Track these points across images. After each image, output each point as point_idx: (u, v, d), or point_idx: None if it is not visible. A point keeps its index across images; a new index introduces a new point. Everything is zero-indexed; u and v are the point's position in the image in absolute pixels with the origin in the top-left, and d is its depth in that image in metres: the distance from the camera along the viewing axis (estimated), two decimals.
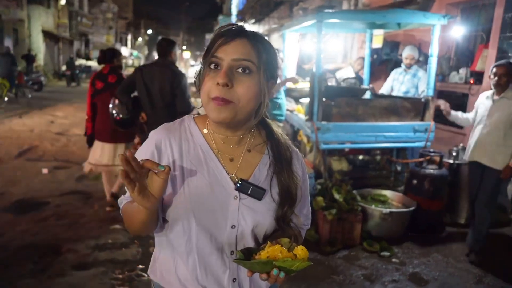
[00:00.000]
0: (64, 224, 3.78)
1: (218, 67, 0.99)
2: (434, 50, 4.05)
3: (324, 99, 3.92)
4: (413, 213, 3.71)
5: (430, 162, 3.85)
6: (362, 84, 5.34)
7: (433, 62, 4.07)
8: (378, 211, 3.61)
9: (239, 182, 1.03)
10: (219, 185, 1.03)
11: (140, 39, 51.86)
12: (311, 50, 6.07)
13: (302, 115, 4.51)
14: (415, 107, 4.15)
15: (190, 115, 1.14)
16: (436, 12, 5.66)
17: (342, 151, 4.51)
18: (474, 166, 3.43)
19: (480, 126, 3.37)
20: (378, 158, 4.67)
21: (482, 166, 3.33)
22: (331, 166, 4.32)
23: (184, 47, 51.03)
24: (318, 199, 3.57)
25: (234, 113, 0.98)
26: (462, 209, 4.07)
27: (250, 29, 1.04)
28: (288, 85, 4.95)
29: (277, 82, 1.10)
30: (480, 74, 5.11)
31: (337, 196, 3.57)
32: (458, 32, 5.38)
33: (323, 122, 3.89)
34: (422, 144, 4.12)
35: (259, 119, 1.08)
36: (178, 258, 1.07)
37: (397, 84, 5.12)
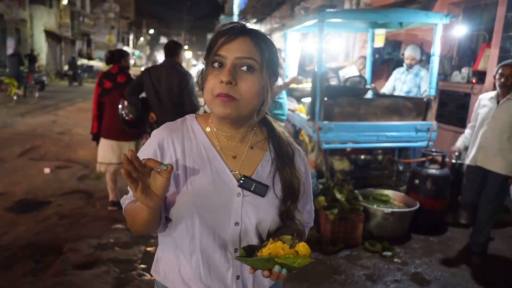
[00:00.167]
0: (66, 223, 3.78)
1: (221, 66, 0.99)
2: (436, 50, 4.04)
3: (325, 99, 3.92)
4: (415, 213, 3.70)
5: (432, 161, 3.85)
6: (366, 82, 5.32)
7: (435, 61, 4.06)
8: (380, 211, 3.61)
9: (242, 179, 1.04)
10: (222, 182, 1.04)
11: (142, 39, 51.94)
12: (313, 51, 6.07)
13: (304, 115, 4.51)
14: (417, 107, 4.14)
15: (192, 114, 1.14)
16: (438, 11, 5.65)
17: (344, 151, 4.50)
18: (475, 170, 3.32)
19: (483, 129, 3.25)
20: (380, 157, 4.66)
21: (485, 170, 3.24)
22: (333, 166, 4.32)
23: (186, 47, 51.05)
24: (320, 199, 3.57)
25: (238, 109, 0.99)
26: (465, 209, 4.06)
27: (252, 27, 1.04)
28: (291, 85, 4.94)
29: (277, 80, 1.11)
30: (482, 73, 5.10)
31: (339, 195, 3.56)
32: (460, 31, 5.36)
33: (325, 122, 3.88)
34: (424, 143, 4.12)
35: (261, 117, 1.09)
36: (181, 257, 1.07)
37: (399, 83, 5.11)
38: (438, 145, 4.66)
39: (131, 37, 46.88)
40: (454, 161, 4.09)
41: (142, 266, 3.07)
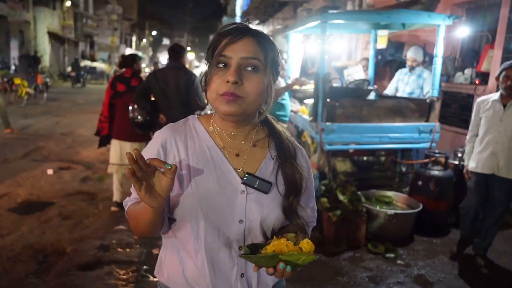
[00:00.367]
0: (69, 224, 3.79)
1: (226, 66, 1.00)
2: (439, 51, 4.03)
3: (328, 100, 3.92)
4: (418, 214, 3.69)
5: (435, 163, 3.83)
6: (369, 83, 5.31)
7: (438, 62, 4.05)
8: (383, 212, 3.60)
9: (246, 176, 1.04)
10: (226, 180, 1.04)
11: (144, 40, 52.02)
12: (315, 53, 6.06)
13: (307, 116, 4.51)
14: (420, 108, 4.13)
15: (194, 115, 1.15)
16: (441, 12, 5.64)
17: (347, 152, 4.50)
18: (483, 177, 3.19)
19: (491, 135, 3.10)
20: (383, 159, 4.65)
21: (492, 176, 3.13)
22: (336, 167, 4.31)
23: (188, 48, 51.15)
24: (322, 200, 3.56)
25: (243, 107, 1.01)
26: None
27: (254, 27, 1.06)
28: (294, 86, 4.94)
29: (278, 78, 1.12)
30: (485, 74, 5.08)
31: (341, 197, 3.56)
32: (463, 32, 5.35)
33: (328, 123, 3.88)
34: (427, 145, 4.10)
35: (264, 117, 1.10)
36: (185, 258, 1.07)
37: (401, 85, 5.10)
38: (441, 146, 4.65)
39: (134, 38, 47.00)
40: (457, 162, 4.08)
41: (145, 267, 3.07)
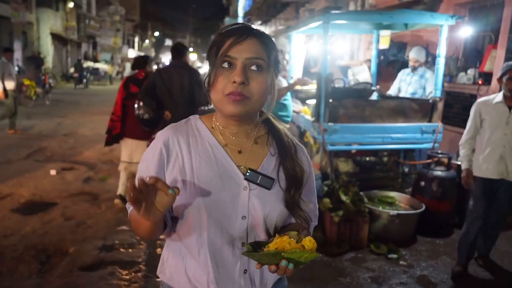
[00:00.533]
0: (71, 225, 3.80)
1: (231, 66, 1.01)
2: (441, 51, 4.02)
3: (330, 100, 3.91)
4: (421, 215, 3.68)
5: (438, 163, 3.82)
6: (371, 84, 5.30)
7: (440, 63, 4.04)
8: (385, 213, 3.59)
9: (248, 172, 1.05)
10: (229, 176, 1.05)
11: (147, 41, 52.12)
12: (318, 53, 6.06)
13: (309, 116, 4.50)
14: (423, 108, 4.12)
15: (196, 115, 1.16)
16: (443, 12, 5.63)
17: (349, 153, 4.48)
18: (489, 182, 3.05)
19: (496, 139, 2.97)
20: (385, 159, 4.64)
21: (501, 180, 3.02)
22: (338, 168, 4.30)
23: (190, 49, 51.22)
24: (325, 201, 3.55)
25: (248, 107, 1.02)
26: None
27: (256, 28, 1.06)
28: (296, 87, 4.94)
29: (280, 79, 1.13)
30: (488, 74, 5.06)
31: (344, 197, 3.55)
32: (466, 32, 5.33)
33: (330, 124, 3.87)
34: (429, 145, 4.09)
35: (266, 116, 1.12)
36: (187, 257, 1.08)
37: (404, 85, 5.09)
38: (443, 146, 4.64)
39: (137, 39, 47.10)
40: (460, 163, 4.06)
41: (148, 267, 3.08)
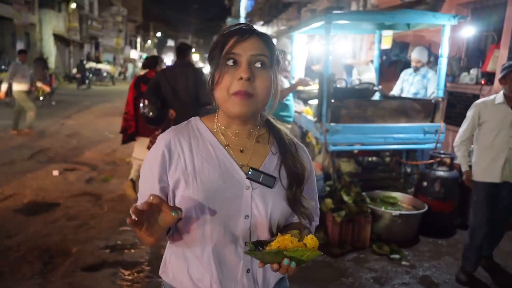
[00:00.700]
0: (74, 225, 3.81)
1: (236, 63, 1.02)
2: (444, 51, 4.01)
3: (332, 101, 3.91)
4: (423, 215, 3.67)
5: (441, 164, 3.81)
6: (374, 84, 5.29)
7: (443, 62, 4.03)
8: (387, 213, 3.58)
9: (250, 170, 1.06)
10: (231, 176, 1.06)
11: (149, 42, 52.20)
12: (320, 52, 6.05)
13: (311, 117, 4.50)
14: (425, 108, 4.11)
15: (196, 117, 1.17)
16: (446, 12, 5.61)
17: (351, 153, 4.48)
18: (494, 186, 2.97)
19: (501, 141, 2.88)
20: (388, 159, 4.63)
21: (505, 183, 2.95)
22: (340, 168, 4.30)
23: (193, 50, 51.25)
24: (327, 201, 3.55)
25: (254, 106, 1.03)
26: None
27: (257, 28, 1.09)
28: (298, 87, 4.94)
29: (282, 79, 1.14)
30: (491, 74, 5.05)
31: (346, 198, 3.55)
32: (469, 32, 5.32)
33: (332, 124, 3.87)
34: (432, 145, 4.08)
35: (266, 116, 1.14)
36: (190, 257, 1.08)
37: (406, 85, 5.08)
38: (446, 147, 4.63)
39: (139, 40, 47.19)
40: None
41: (150, 267, 3.08)
